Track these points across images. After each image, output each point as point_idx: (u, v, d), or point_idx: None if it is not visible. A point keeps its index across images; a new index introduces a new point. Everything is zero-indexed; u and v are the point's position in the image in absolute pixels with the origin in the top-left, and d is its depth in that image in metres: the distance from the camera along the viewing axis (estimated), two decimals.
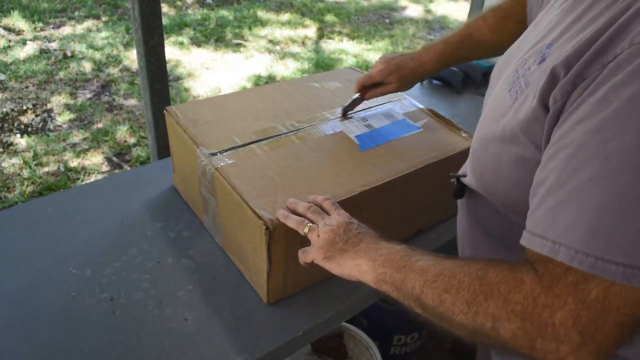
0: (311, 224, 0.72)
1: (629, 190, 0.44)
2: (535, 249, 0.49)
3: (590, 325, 0.46)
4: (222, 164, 0.86)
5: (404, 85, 1.03)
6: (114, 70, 3.36)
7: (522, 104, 0.57)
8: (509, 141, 0.59)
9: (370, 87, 1.03)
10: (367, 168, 0.89)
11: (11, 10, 3.92)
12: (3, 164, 2.46)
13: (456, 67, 1.68)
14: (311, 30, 4.32)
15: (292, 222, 0.74)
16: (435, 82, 1.68)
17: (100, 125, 2.82)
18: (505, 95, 0.62)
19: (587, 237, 0.45)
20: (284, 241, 0.77)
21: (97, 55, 3.50)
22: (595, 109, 0.46)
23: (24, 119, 2.81)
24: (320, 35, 4.23)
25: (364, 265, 0.65)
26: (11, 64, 3.30)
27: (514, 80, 0.62)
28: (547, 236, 0.48)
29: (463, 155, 0.79)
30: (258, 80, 3.41)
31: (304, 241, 0.80)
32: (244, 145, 0.91)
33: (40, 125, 2.78)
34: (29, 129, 2.74)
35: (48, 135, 2.68)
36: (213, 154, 0.88)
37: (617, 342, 0.47)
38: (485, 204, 0.70)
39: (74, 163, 2.51)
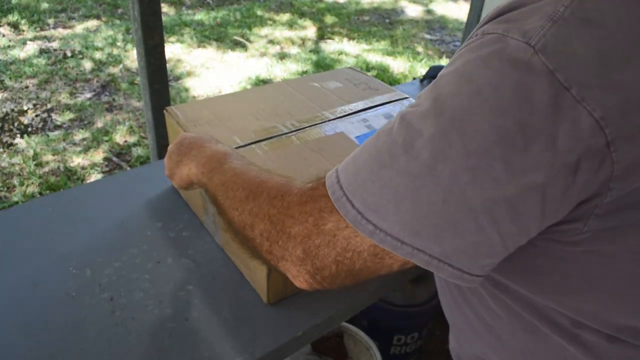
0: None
1: (385, 149, 0.46)
2: (326, 174, 0.52)
3: (314, 249, 0.50)
4: None
5: None
6: (114, 70, 3.36)
7: None
8: None
9: None
10: None
11: (11, 10, 3.92)
12: (3, 164, 2.46)
13: None
14: (311, 31, 4.32)
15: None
16: None
17: (100, 125, 2.82)
18: None
19: (350, 176, 0.48)
20: None
21: (97, 55, 3.51)
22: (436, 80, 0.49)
23: (24, 119, 2.81)
24: (320, 36, 4.24)
25: (193, 167, 0.72)
26: (11, 64, 3.31)
27: None
28: (338, 172, 0.50)
29: None
30: (258, 81, 3.41)
31: None
32: (244, 146, 0.91)
33: (40, 125, 2.78)
34: (29, 129, 2.74)
35: (48, 135, 2.69)
36: None
37: (334, 278, 0.51)
38: None
39: (74, 163, 2.51)
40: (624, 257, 0.47)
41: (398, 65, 3.82)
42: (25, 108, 2.90)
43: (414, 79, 1.97)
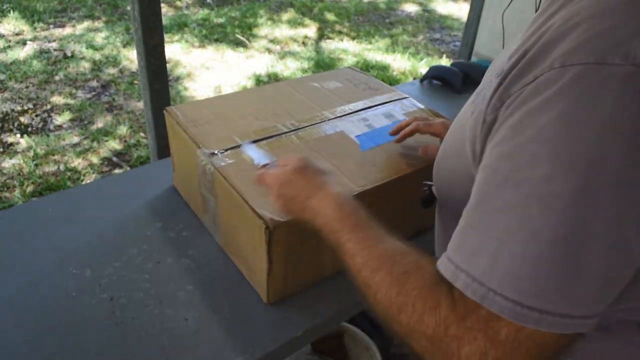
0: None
1: (532, 223, 0.41)
2: (441, 271, 0.47)
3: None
4: (222, 163, 0.86)
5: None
6: (113, 70, 3.36)
7: (474, 119, 0.54)
8: (460, 155, 0.57)
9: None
10: (368, 168, 0.89)
11: (11, 11, 3.93)
12: (3, 164, 2.46)
13: (456, 67, 1.68)
14: (311, 30, 4.32)
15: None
16: (435, 82, 1.68)
17: (100, 125, 2.82)
18: (468, 107, 0.61)
19: (486, 267, 0.43)
20: (284, 241, 0.77)
21: (97, 55, 3.51)
22: (510, 133, 0.44)
23: (24, 119, 2.81)
24: (321, 35, 4.24)
25: (318, 218, 0.65)
26: (11, 64, 3.30)
27: (477, 92, 0.60)
28: (452, 259, 0.46)
29: None
30: (258, 80, 3.41)
31: (304, 241, 0.80)
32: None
33: (40, 125, 2.78)
34: (29, 129, 2.74)
35: (48, 135, 2.68)
36: (213, 154, 0.88)
37: None
38: (451, 212, 0.67)
39: (74, 163, 2.51)
40: None
41: (398, 65, 3.82)
42: (25, 108, 2.90)
43: (414, 78, 1.97)
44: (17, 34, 3.69)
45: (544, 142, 0.42)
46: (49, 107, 2.94)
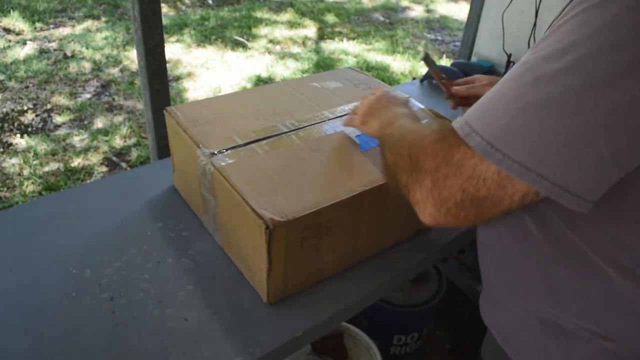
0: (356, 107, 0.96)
1: (511, 89, 0.52)
2: (453, 123, 0.57)
3: (443, 179, 0.55)
4: (222, 163, 0.86)
5: None
6: (113, 70, 3.36)
7: None
8: None
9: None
10: (368, 168, 0.89)
11: (11, 11, 3.93)
12: (3, 164, 2.46)
13: (456, 67, 1.68)
14: (311, 31, 4.32)
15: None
16: (435, 82, 1.68)
17: (100, 125, 2.82)
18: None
19: (478, 116, 0.54)
20: (284, 241, 0.77)
21: (97, 55, 3.51)
22: (552, 29, 0.52)
23: (24, 119, 2.81)
24: (321, 36, 4.24)
25: (375, 123, 0.84)
26: (11, 64, 3.31)
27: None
28: (465, 117, 0.56)
29: None
30: (258, 81, 3.41)
31: (304, 241, 0.80)
32: (244, 145, 0.91)
33: (40, 125, 2.78)
34: (29, 129, 2.74)
35: (48, 135, 2.69)
36: (213, 154, 0.88)
37: (458, 209, 0.55)
38: None
39: (74, 163, 2.51)
40: None
41: (398, 65, 3.82)
42: (25, 108, 2.90)
43: (414, 78, 1.97)
44: (17, 34, 3.69)
45: (573, 30, 0.50)
46: (49, 107, 2.94)
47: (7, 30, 3.70)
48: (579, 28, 0.49)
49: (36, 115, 2.85)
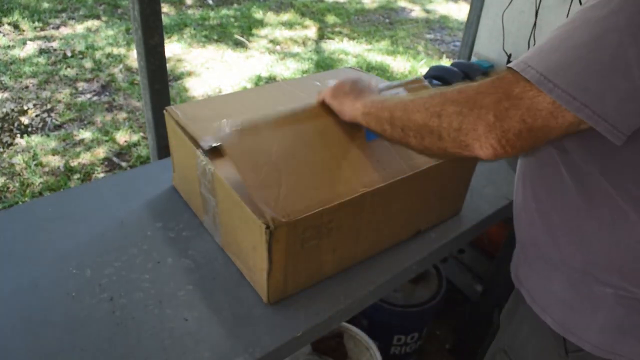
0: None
1: (562, 31, 0.59)
2: (511, 64, 0.61)
3: (503, 112, 0.59)
4: (227, 130, 0.82)
5: None
6: (114, 70, 3.36)
7: None
8: None
9: None
10: (372, 164, 0.88)
11: (11, 10, 3.92)
12: (3, 164, 2.46)
13: (456, 67, 1.68)
14: (311, 31, 4.32)
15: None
16: (435, 82, 1.68)
17: (100, 125, 2.82)
18: None
19: (532, 55, 0.59)
20: (284, 241, 0.77)
21: (97, 55, 3.51)
22: None
23: (24, 119, 2.81)
24: (321, 36, 4.24)
25: (359, 104, 0.82)
26: (11, 63, 3.31)
27: None
28: (520, 58, 0.61)
29: (466, 157, 0.78)
30: (258, 81, 3.41)
31: (305, 241, 0.80)
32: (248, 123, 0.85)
33: (40, 125, 2.78)
34: (29, 129, 2.74)
35: (48, 135, 2.69)
36: (213, 153, 0.86)
37: (517, 138, 0.59)
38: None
39: (74, 163, 2.51)
40: None
41: (398, 65, 3.82)
42: (25, 108, 2.90)
43: None
44: (18, 34, 3.69)
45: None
46: (49, 107, 2.94)
47: (8, 30, 3.70)
48: None
49: (36, 115, 2.85)
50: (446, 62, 3.75)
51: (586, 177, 0.69)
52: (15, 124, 2.76)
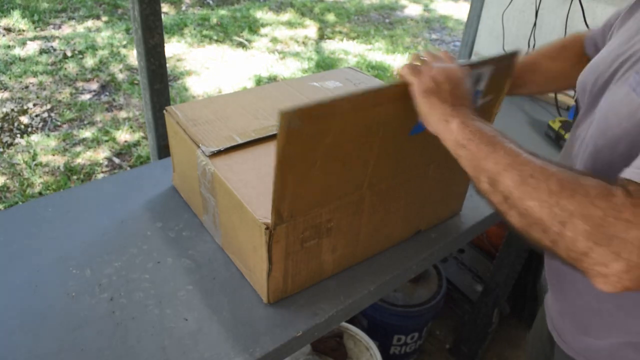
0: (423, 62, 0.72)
1: None
2: (633, 178, 0.50)
3: None
4: (222, 162, 0.86)
5: None
6: (114, 70, 3.36)
7: None
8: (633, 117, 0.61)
9: None
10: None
11: (11, 10, 3.92)
12: (3, 164, 2.46)
13: None
14: (311, 30, 4.32)
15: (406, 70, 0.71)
16: None
17: (100, 125, 2.82)
18: (630, 96, 0.63)
19: None
20: (284, 241, 0.77)
21: (97, 55, 3.51)
22: None
23: (25, 119, 2.81)
24: (321, 35, 4.24)
25: (454, 124, 0.63)
26: (11, 63, 3.31)
27: (638, 80, 0.63)
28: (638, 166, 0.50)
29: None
30: (259, 81, 3.41)
31: (305, 241, 0.80)
32: (244, 144, 0.91)
33: (40, 125, 2.78)
34: (30, 129, 2.74)
35: (48, 135, 2.69)
36: (213, 153, 0.88)
37: None
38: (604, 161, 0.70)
39: (74, 163, 2.51)
40: None
41: (398, 64, 3.82)
42: (25, 108, 2.91)
43: None
44: (18, 34, 3.69)
45: None
46: (49, 107, 2.94)
47: (8, 30, 3.70)
48: None
49: (36, 115, 2.85)
50: None
51: None
52: (15, 124, 2.76)
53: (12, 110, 2.87)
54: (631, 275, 0.49)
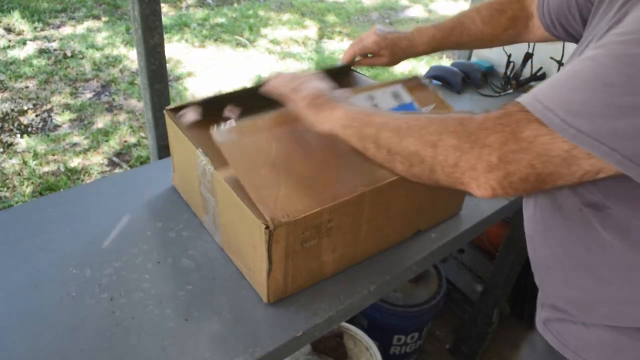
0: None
1: (603, 76, 0.52)
2: (520, 100, 0.56)
3: (510, 154, 0.54)
4: (225, 137, 0.81)
5: (393, 61, 1.09)
6: (114, 70, 3.36)
7: None
8: None
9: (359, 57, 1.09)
10: (372, 163, 0.87)
11: (11, 10, 3.92)
12: (3, 164, 2.46)
13: (456, 67, 1.68)
14: (312, 31, 4.32)
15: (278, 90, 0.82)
16: (435, 82, 1.68)
17: (100, 125, 2.82)
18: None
19: (550, 94, 0.54)
20: (284, 240, 0.77)
21: (97, 55, 3.51)
22: (630, 13, 0.54)
23: (24, 119, 2.81)
24: (321, 35, 4.24)
25: (338, 113, 0.73)
26: (11, 64, 3.30)
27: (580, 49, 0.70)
28: (534, 95, 0.55)
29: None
30: (259, 81, 3.41)
31: (305, 241, 0.80)
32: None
33: (40, 125, 2.78)
34: (29, 129, 2.74)
35: (48, 135, 2.69)
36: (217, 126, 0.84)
37: (520, 182, 0.55)
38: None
39: (74, 163, 2.51)
40: None
41: (398, 64, 3.82)
42: (25, 108, 2.90)
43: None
44: (18, 34, 3.69)
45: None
46: (49, 107, 2.94)
47: (8, 30, 3.70)
48: None
49: (36, 115, 2.85)
50: (446, 62, 3.75)
51: (623, 229, 0.63)
52: (15, 124, 2.76)
53: (12, 110, 2.87)
54: (494, 175, 0.56)
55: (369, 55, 1.10)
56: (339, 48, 4.02)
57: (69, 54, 3.49)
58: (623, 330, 0.69)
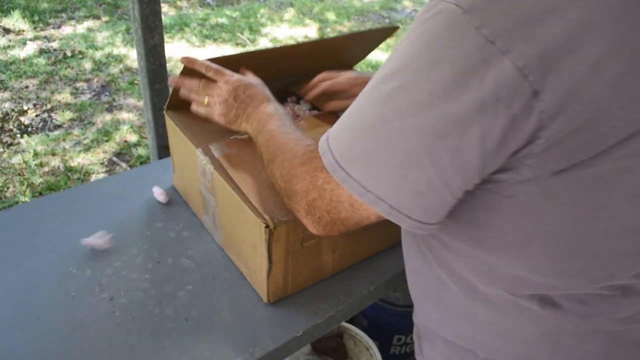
0: (208, 97, 0.84)
1: (367, 111, 0.51)
2: (321, 139, 0.58)
3: (312, 202, 0.58)
4: (223, 151, 0.85)
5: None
6: (114, 70, 3.36)
7: None
8: None
9: (328, 97, 0.97)
10: None
11: (11, 10, 3.92)
12: (3, 164, 2.46)
13: None
14: (312, 30, 4.32)
15: (187, 92, 0.88)
16: None
17: (100, 125, 2.82)
18: None
19: (334, 133, 0.55)
20: (284, 240, 0.77)
21: (97, 55, 3.50)
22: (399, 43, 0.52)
23: (24, 119, 2.81)
24: (321, 35, 4.23)
25: (249, 128, 0.80)
26: (11, 63, 3.30)
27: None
28: (328, 132, 0.57)
29: None
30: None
31: (304, 241, 0.80)
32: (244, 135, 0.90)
33: (40, 125, 2.78)
34: (29, 129, 2.74)
35: (48, 135, 2.68)
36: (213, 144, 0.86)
37: (332, 225, 0.58)
38: None
39: (74, 163, 2.51)
40: (558, 213, 0.48)
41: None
42: (25, 108, 2.90)
43: None
44: (18, 34, 3.69)
45: (394, 59, 0.50)
46: (49, 107, 2.94)
47: (8, 30, 3.70)
48: (409, 46, 0.48)
49: (36, 115, 2.85)
50: None
51: (436, 250, 0.63)
52: (15, 124, 2.76)
53: (12, 110, 2.87)
54: (310, 219, 0.60)
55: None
56: None
57: (69, 53, 3.49)
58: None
